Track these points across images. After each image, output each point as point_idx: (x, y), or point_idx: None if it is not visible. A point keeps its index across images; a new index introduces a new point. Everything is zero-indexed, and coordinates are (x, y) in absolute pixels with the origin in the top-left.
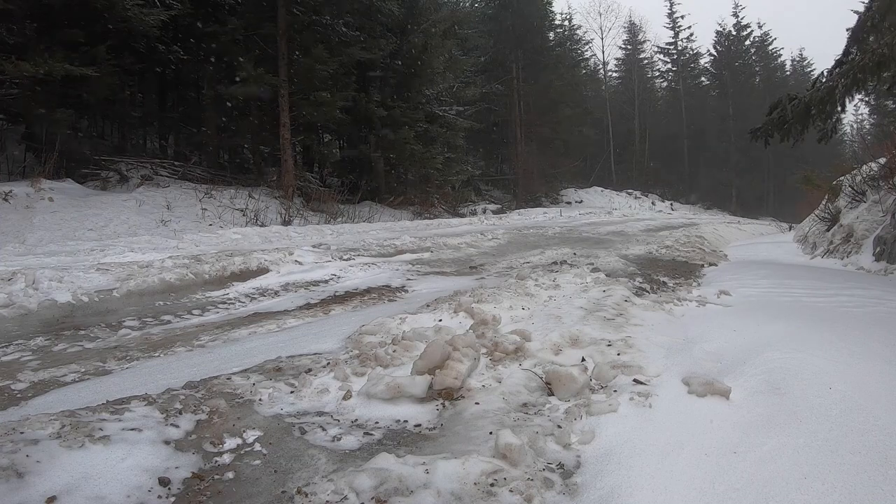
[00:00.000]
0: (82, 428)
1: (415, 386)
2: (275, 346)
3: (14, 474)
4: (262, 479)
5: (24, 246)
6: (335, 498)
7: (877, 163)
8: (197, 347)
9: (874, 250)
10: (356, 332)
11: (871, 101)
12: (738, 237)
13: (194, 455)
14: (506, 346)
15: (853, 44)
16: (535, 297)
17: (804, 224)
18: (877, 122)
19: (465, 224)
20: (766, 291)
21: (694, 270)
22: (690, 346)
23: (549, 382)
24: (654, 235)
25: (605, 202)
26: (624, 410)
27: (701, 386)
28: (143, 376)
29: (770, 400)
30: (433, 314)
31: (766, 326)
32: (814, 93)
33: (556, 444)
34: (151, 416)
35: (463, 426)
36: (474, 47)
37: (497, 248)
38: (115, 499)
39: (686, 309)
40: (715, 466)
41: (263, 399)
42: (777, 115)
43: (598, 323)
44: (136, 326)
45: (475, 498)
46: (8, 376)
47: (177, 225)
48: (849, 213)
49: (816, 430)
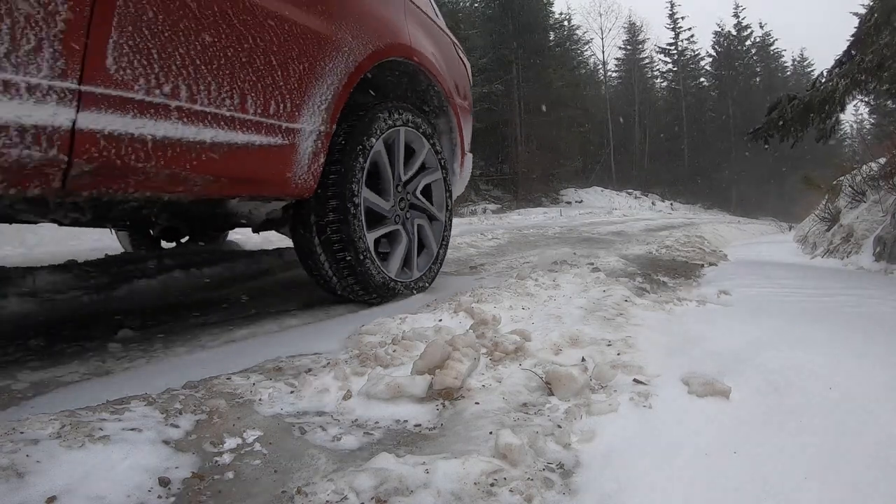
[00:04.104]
0: (82, 428)
1: (415, 386)
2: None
3: (14, 474)
4: (262, 479)
5: None
6: (335, 497)
7: (877, 163)
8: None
9: (874, 250)
10: (356, 332)
11: (870, 102)
12: (739, 237)
13: (194, 455)
14: (506, 346)
15: (854, 44)
16: (535, 297)
17: (804, 224)
18: (877, 123)
19: (464, 223)
20: (766, 291)
21: (694, 270)
22: (690, 345)
23: (549, 382)
24: (654, 235)
25: (605, 202)
26: (624, 410)
27: (701, 386)
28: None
29: (770, 400)
30: (433, 314)
31: (767, 326)
32: (814, 93)
33: (556, 443)
34: (151, 415)
35: (463, 426)
36: (475, 47)
37: (497, 247)
38: (115, 498)
39: (686, 309)
40: (715, 466)
41: (263, 399)
42: (776, 116)
43: (598, 323)
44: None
45: (475, 498)
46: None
47: None
48: (849, 213)
49: (816, 430)
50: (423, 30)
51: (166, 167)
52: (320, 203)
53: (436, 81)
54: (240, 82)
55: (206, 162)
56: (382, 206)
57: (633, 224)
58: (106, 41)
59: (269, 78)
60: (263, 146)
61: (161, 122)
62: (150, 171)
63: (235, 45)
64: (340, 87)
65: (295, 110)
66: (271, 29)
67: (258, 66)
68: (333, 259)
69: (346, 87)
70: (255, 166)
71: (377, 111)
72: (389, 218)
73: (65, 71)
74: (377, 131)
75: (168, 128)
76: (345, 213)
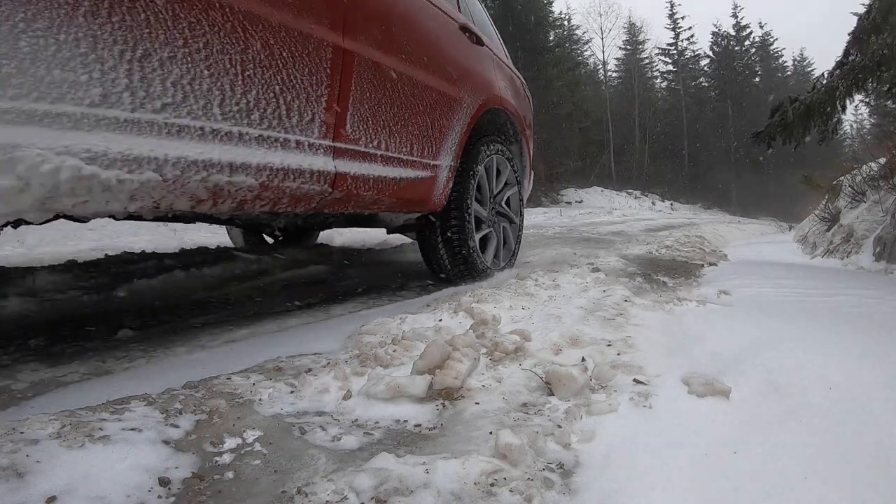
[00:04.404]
0: (82, 428)
1: (415, 386)
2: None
3: (14, 474)
4: (262, 479)
5: None
6: (335, 498)
7: (877, 163)
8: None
9: (874, 250)
10: (356, 332)
11: (870, 102)
12: (739, 237)
13: (194, 455)
14: (506, 346)
15: (853, 44)
16: (535, 297)
17: (804, 224)
18: (877, 123)
19: None
20: (766, 291)
21: (694, 270)
22: (690, 345)
23: (549, 382)
24: (654, 235)
25: (605, 202)
26: (624, 410)
27: (701, 386)
28: None
29: (770, 400)
30: (433, 314)
31: (767, 326)
32: (814, 94)
33: (556, 443)
34: (151, 415)
35: (463, 426)
36: None
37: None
38: (115, 498)
39: (686, 309)
40: (715, 466)
41: (263, 399)
42: (779, 118)
43: (598, 323)
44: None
45: (475, 498)
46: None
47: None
48: (849, 213)
49: (816, 430)
50: (504, 77)
51: (375, 194)
52: (445, 214)
53: (514, 118)
54: (411, 136)
55: (393, 189)
56: (483, 214)
57: (633, 224)
58: (345, 116)
59: (427, 131)
60: (420, 178)
61: (373, 164)
62: (365, 196)
63: (409, 112)
64: (462, 133)
65: (438, 152)
66: (428, 97)
67: (421, 123)
68: (451, 253)
69: (465, 133)
70: (414, 191)
71: (480, 145)
72: (486, 223)
73: (326, 133)
74: (480, 160)
75: (377, 168)
76: (462, 221)
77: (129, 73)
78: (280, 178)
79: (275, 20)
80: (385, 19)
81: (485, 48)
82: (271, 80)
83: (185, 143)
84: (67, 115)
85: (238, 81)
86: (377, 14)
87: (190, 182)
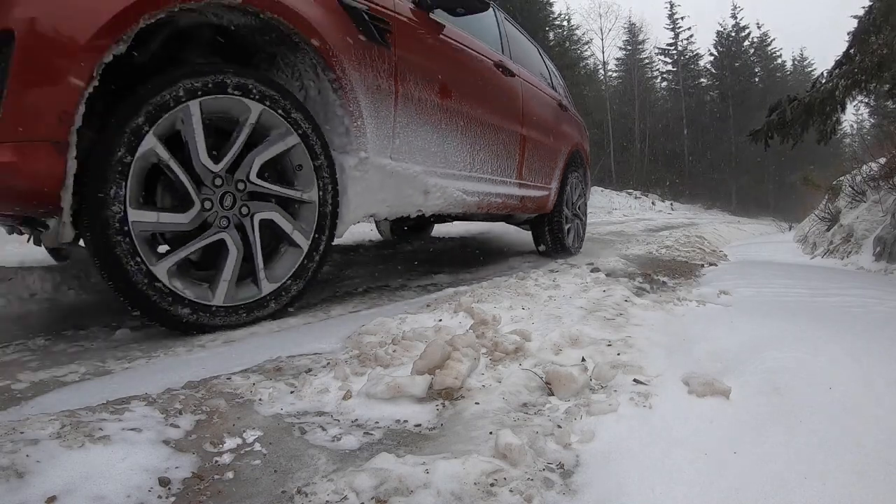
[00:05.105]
0: (82, 428)
1: (415, 386)
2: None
3: (14, 474)
4: (262, 479)
5: None
6: (335, 498)
7: (877, 163)
8: None
9: (874, 250)
10: (356, 332)
11: (870, 102)
12: (738, 237)
13: (194, 455)
14: (506, 346)
15: (854, 44)
16: (535, 297)
17: (804, 224)
18: (877, 123)
19: (463, 224)
20: (766, 291)
21: (694, 270)
22: (690, 345)
23: (549, 382)
24: (654, 235)
25: (605, 202)
26: (624, 410)
27: (701, 386)
28: None
29: (770, 400)
30: (433, 314)
31: (767, 326)
32: (813, 94)
33: (556, 443)
34: (151, 415)
35: (463, 426)
36: None
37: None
38: (115, 498)
39: (686, 309)
40: (715, 466)
41: (263, 399)
42: (777, 117)
43: (598, 323)
44: None
45: (475, 498)
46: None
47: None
48: (849, 213)
49: (816, 430)
50: (576, 127)
51: (530, 204)
52: (551, 214)
53: (583, 154)
54: (542, 172)
55: (534, 201)
56: (568, 215)
57: (633, 224)
58: (522, 165)
59: (547, 168)
60: (544, 195)
61: (531, 190)
62: (528, 205)
63: (542, 160)
64: (561, 168)
65: (551, 179)
66: (549, 150)
67: (546, 165)
68: (553, 237)
69: (563, 167)
70: (541, 202)
71: (568, 173)
72: (569, 220)
73: (516, 175)
74: (568, 182)
75: (532, 191)
76: (560, 217)
77: (471, 156)
78: (504, 198)
79: (504, 126)
80: (535, 115)
81: (569, 112)
82: (503, 153)
83: (482, 185)
84: (454, 175)
85: (495, 156)
86: (532, 114)
87: (482, 202)
